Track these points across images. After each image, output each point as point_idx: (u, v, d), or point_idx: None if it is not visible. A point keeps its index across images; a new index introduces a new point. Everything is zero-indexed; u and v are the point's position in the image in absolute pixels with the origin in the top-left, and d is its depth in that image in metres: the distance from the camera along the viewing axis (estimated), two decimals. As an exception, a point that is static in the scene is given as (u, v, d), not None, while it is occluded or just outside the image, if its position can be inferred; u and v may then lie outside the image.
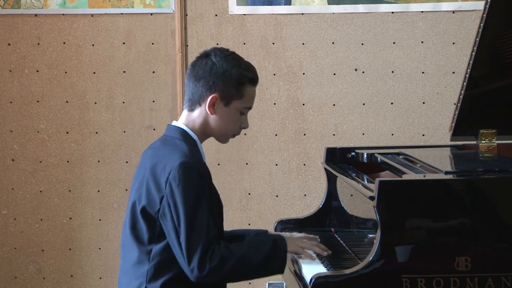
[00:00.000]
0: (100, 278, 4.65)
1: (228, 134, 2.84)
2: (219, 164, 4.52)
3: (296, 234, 2.99)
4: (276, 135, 4.58)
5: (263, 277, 2.81)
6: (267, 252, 2.72)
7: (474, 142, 3.35)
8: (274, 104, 4.56)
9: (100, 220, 4.63)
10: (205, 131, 2.82)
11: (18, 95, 4.60)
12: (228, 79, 2.76)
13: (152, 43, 4.57)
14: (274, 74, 4.55)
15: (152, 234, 2.72)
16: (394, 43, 4.52)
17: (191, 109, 2.82)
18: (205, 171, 2.70)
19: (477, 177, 2.66)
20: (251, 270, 2.72)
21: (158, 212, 2.69)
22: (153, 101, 4.59)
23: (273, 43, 4.55)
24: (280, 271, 2.75)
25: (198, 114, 2.80)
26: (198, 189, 2.65)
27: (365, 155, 3.36)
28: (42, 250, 4.65)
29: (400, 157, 3.22)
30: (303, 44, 4.55)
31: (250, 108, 2.84)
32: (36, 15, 4.57)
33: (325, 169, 3.43)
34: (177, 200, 2.65)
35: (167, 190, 2.67)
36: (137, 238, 2.75)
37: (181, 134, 2.79)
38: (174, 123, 2.84)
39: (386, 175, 3.14)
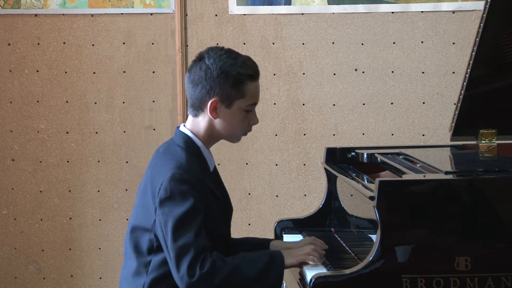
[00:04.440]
0: (100, 278, 4.65)
1: (237, 134, 2.79)
2: (219, 164, 4.52)
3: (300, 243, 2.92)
4: (276, 135, 4.58)
5: None
6: (263, 266, 2.67)
7: (474, 142, 3.35)
8: (274, 104, 4.56)
9: (100, 220, 4.63)
10: (212, 135, 2.78)
11: (18, 95, 4.60)
12: (224, 81, 2.70)
13: (152, 43, 4.57)
14: (274, 74, 4.55)
15: (150, 246, 2.72)
16: (394, 43, 4.52)
17: (195, 115, 2.78)
18: (196, 181, 2.67)
19: (477, 177, 2.66)
20: (246, 282, 2.66)
21: (154, 223, 2.69)
22: (153, 101, 4.59)
23: (273, 43, 4.55)
24: (277, 286, 2.69)
25: (202, 119, 2.77)
26: (187, 200, 2.63)
27: (365, 155, 3.36)
28: (42, 250, 4.65)
29: (400, 157, 3.22)
30: (303, 44, 4.55)
31: (255, 104, 2.77)
32: (36, 15, 4.57)
33: (325, 169, 3.43)
34: (165, 210, 2.64)
35: (158, 200, 2.66)
36: (136, 249, 2.75)
37: (184, 142, 2.76)
38: (182, 128, 2.80)
39: (386, 175, 3.14)
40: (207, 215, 2.69)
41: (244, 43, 4.54)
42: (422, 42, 4.52)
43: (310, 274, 2.60)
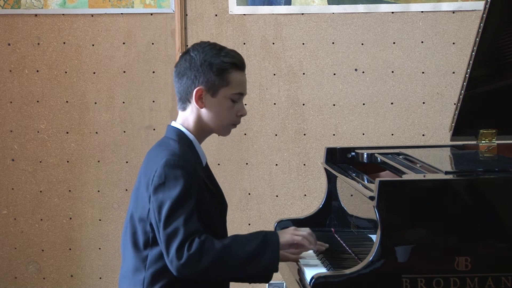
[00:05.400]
0: (100, 278, 4.65)
1: (225, 124, 2.80)
2: (219, 164, 4.52)
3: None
4: (276, 135, 4.58)
5: (253, 276, 2.69)
6: (256, 246, 2.66)
7: (474, 142, 3.35)
8: (274, 104, 4.56)
9: (100, 220, 4.63)
10: (201, 127, 2.80)
11: (18, 95, 4.60)
12: (208, 69, 2.74)
13: (152, 43, 4.57)
14: (274, 74, 4.55)
15: (146, 238, 2.72)
16: (394, 43, 4.52)
17: (183, 108, 2.81)
18: (191, 169, 2.68)
19: (477, 177, 2.66)
20: (238, 263, 2.64)
21: (148, 213, 2.70)
22: (153, 101, 4.59)
23: (273, 43, 4.55)
24: (272, 267, 2.67)
25: (190, 112, 2.80)
26: (179, 183, 2.64)
27: (365, 155, 3.36)
28: (42, 250, 4.65)
29: (400, 157, 3.22)
30: (303, 44, 4.55)
31: (241, 94, 2.80)
32: (36, 15, 4.57)
33: (325, 169, 3.43)
34: (159, 197, 2.66)
35: (152, 188, 2.67)
36: (134, 243, 2.75)
37: (177, 135, 2.79)
38: (173, 123, 2.83)
39: (386, 175, 3.14)
40: (202, 208, 2.69)
41: (244, 43, 4.54)
42: (422, 42, 4.52)
43: (310, 274, 2.60)
